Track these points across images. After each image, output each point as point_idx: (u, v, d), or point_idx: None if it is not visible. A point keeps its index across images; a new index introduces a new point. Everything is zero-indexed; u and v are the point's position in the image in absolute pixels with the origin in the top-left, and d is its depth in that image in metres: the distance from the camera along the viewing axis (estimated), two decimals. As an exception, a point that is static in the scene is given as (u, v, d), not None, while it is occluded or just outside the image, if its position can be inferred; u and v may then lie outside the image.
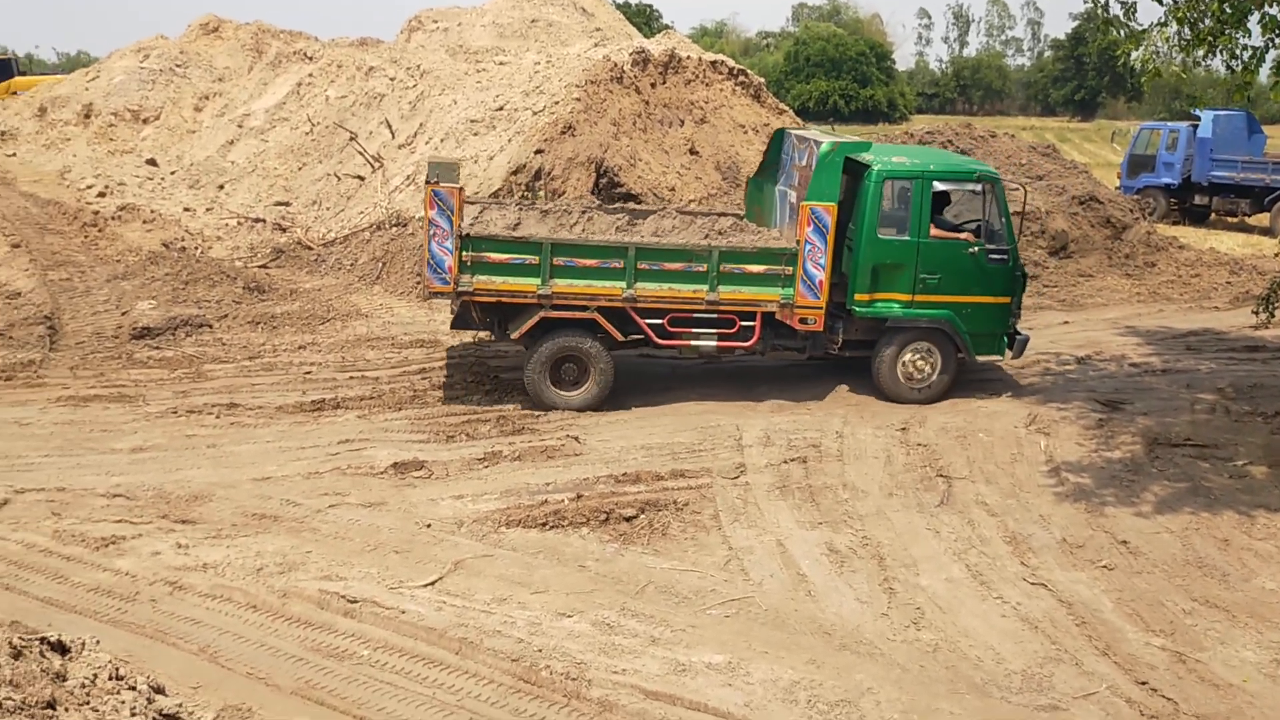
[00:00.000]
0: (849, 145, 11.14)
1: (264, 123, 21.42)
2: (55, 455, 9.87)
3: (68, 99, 24.58)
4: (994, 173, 11.24)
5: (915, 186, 10.97)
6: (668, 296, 10.73)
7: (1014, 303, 11.32)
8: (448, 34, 23.93)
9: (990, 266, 11.06)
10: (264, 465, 9.55)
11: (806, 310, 10.76)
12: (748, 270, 10.73)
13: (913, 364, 11.20)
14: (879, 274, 11.00)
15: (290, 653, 6.47)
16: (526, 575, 7.47)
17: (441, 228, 10.50)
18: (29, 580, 7.43)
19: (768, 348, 11.29)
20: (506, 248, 10.69)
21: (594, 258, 10.67)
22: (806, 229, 10.58)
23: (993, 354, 11.51)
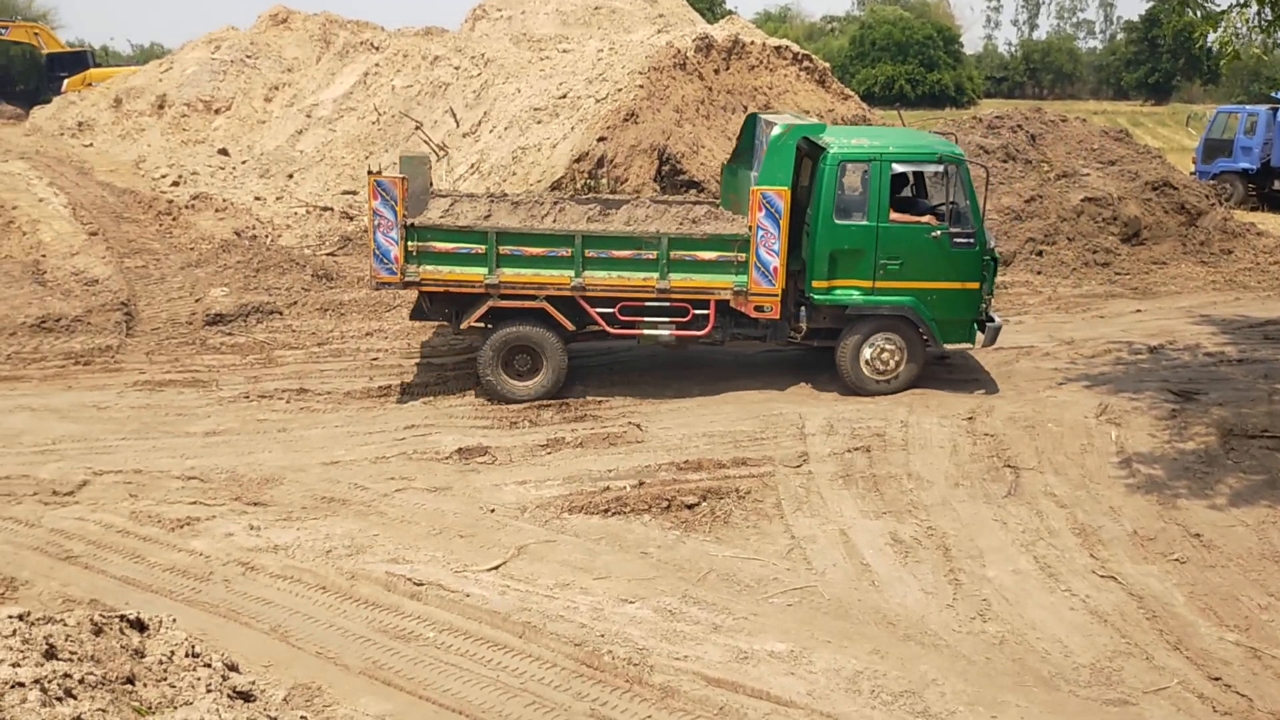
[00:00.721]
0: (803, 127, 10.80)
1: (332, 112, 21.71)
2: (132, 438, 10.14)
3: (142, 90, 25.15)
4: (957, 153, 10.80)
5: (873, 169, 10.63)
6: (618, 285, 10.58)
7: (984, 288, 10.90)
8: (511, 22, 24.02)
9: (956, 251, 10.69)
10: (333, 449, 9.73)
11: (762, 298, 10.55)
12: (699, 257, 10.53)
13: (877, 354, 10.89)
14: (837, 260, 10.71)
15: (358, 633, 6.59)
16: (589, 561, 7.51)
17: (386, 218, 10.50)
18: (107, 560, 7.65)
19: (727, 337, 11.08)
20: (452, 237, 10.62)
21: (541, 246, 10.57)
22: (758, 214, 10.34)
23: (962, 342, 11.04)
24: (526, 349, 10.88)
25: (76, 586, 7.24)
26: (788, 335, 11.11)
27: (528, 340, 10.82)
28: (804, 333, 11.00)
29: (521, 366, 10.93)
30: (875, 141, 11.03)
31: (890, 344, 10.87)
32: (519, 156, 17.40)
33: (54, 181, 18.34)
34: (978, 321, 10.99)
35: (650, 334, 10.87)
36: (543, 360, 10.85)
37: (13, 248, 15.41)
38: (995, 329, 11.01)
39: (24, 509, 8.51)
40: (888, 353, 10.89)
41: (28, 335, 12.89)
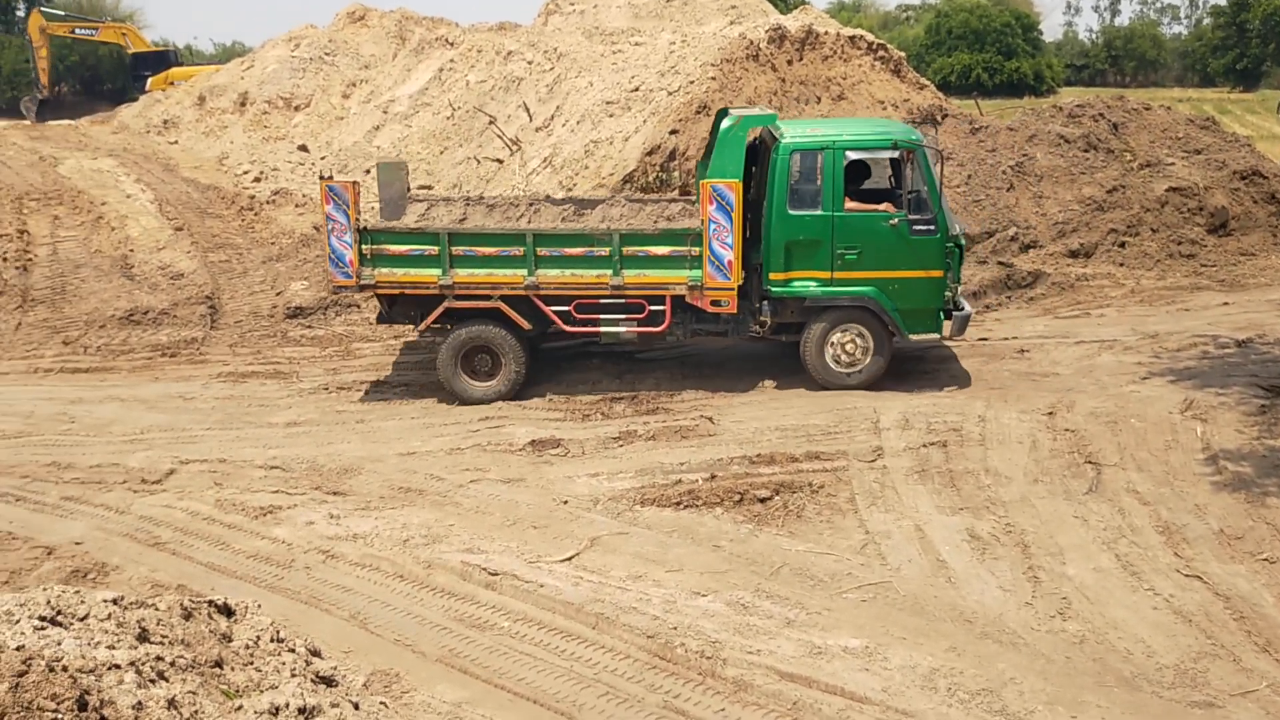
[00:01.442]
0: (752, 118, 10.70)
1: (408, 108, 22.00)
2: (216, 428, 10.42)
3: (225, 88, 25.73)
4: (914, 139, 10.53)
5: (826, 158, 10.42)
6: (571, 283, 10.53)
7: (949, 276, 10.61)
8: (584, 16, 24.09)
9: (916, 238, 10.44)
10: (409, 440, 9.88)
11: (717, 292, 10.43)
12: (652, 253, 10.43)
13: (841, 346, 10.71)
14: (793, 251, 10.55)
15: (435, 621, 6.69)
16: (661, 554, 7.53)
17: (339, 222, 10.54)
18: (194, 546, 7.88)
19: (688, 333, 10.99)
20: (404, 239, 10.67)
21: (493, 246, 10.54)
22: (709, 207, 10.21)
23: (928, 332, 10.81)
24: (486, 349, 10.88)
25: (164, 572, 7.47)
26: (750, 330, 10.98)
27: (485, 340, 10.81)
28: (768, 327, 10.87)
29: (482, 367, 10.94)
30: (830, 130, 10.85)
31: (854, 335, 10.70)
32: (591, 150, 17.46)
33: (141, 178, 18.89)
34: (944, 310, 10.73)
35: (609, 331, 10.84)
36: (501, 360, 10.85)
37: (102, 242, 15.90)
38: (963, 318, 10.73)
39: (114, 496, 8.80)
40: (852, 344, 10.72)
41: (117, 328, 13.31)
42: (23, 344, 13.54)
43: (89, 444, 10.08)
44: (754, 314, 10.90)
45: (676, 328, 10.87)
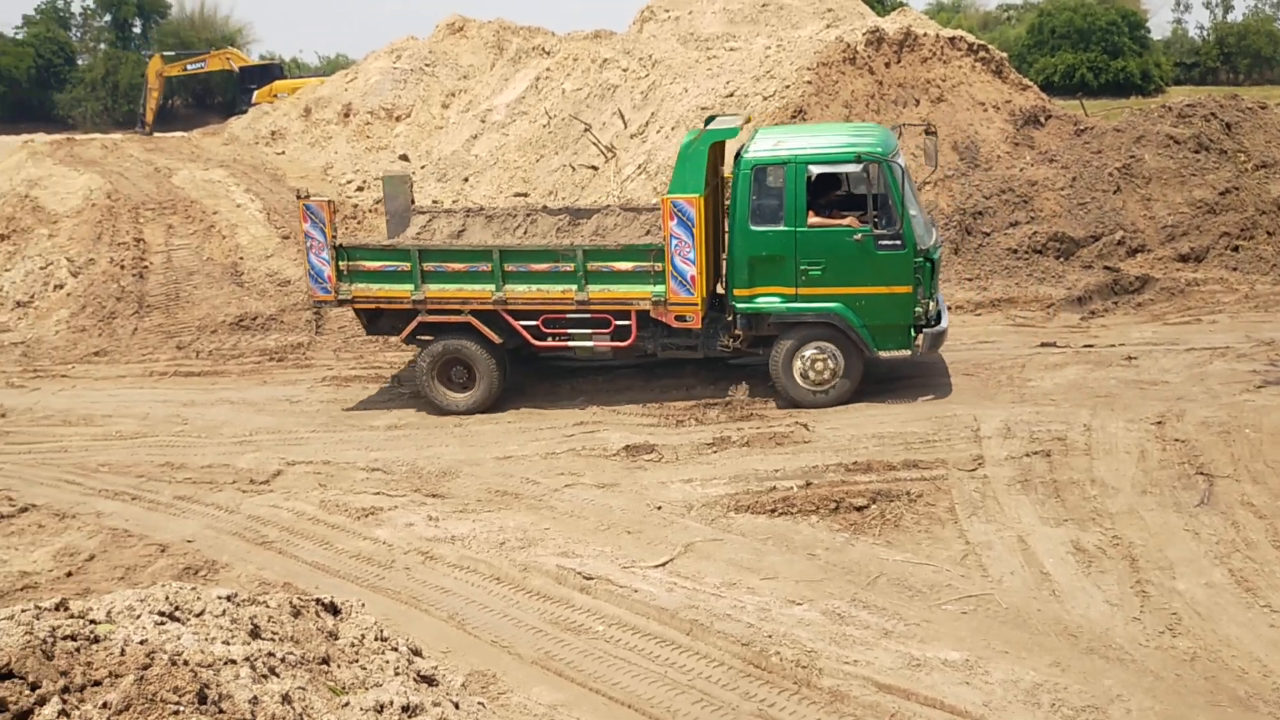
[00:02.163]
0: (714, 133, 10.58)
1: (505, 117, 22.32)
2: (321, 431, 10.72)
3: (329, 100, 26.45)
4: (879, 152, 10.20)
5: (788, 172, 10.19)
6: (538, 298, 10.58)
7: (919, 291, 10.27)
8: (679, 23, 24.15)
9: (882, 254, 10.16)
10: (505, 445, 10.02)
11: (681, 307, 10.32)
12: (616, 268, 10.42)
13: (809, 363, 10.46)
14: (756, 267, 10.37)
15: (530, 624, 6.77)
16: (756, 561, 7.50)
17: (316, 239, 10.86)
18: (299, 546, 8.11)
19: (658, 348, 10.91)
20: (378, 255, 10.90)
21: (462, 261, 10.67)
22: (670, 223, 10.08)
23: (899, 349, 10.48)
24: (462, 362, 11.01)
25: (271, 570, 7.70)
26: (719, 346, 10.86)
27: (460, 353, 10.94)
28: (739, 342, 10.74)
29: (459, 379, 11.09)
30: (793, 144, 10.56)
31: (822, 353, 10.46)
32: (686, 156, 17.48)
33: (250, 188, 19.52)
34: (915, 326, 10.41)
35: (582, 346, 10.88)
36: (475, 373, 10.97)
37: (214, 250, 16.49)
38: (935, 334, 10.41)
39: (224, 496, 9.11)
40: (820, 362, 10.47)
41: (227, 333, 13.77)
42: (139, 348, 14.13)
43: (200, 445, 10.46)
44: (726, 329, 10.82)
45: (646, 342, 10.85)
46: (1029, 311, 13.79)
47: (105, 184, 18.51)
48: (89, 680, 2.72)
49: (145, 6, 62.23)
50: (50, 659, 2.73)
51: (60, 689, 2.66)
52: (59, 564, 7.85)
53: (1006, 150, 17.47)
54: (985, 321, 13.51)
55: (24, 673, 2.70)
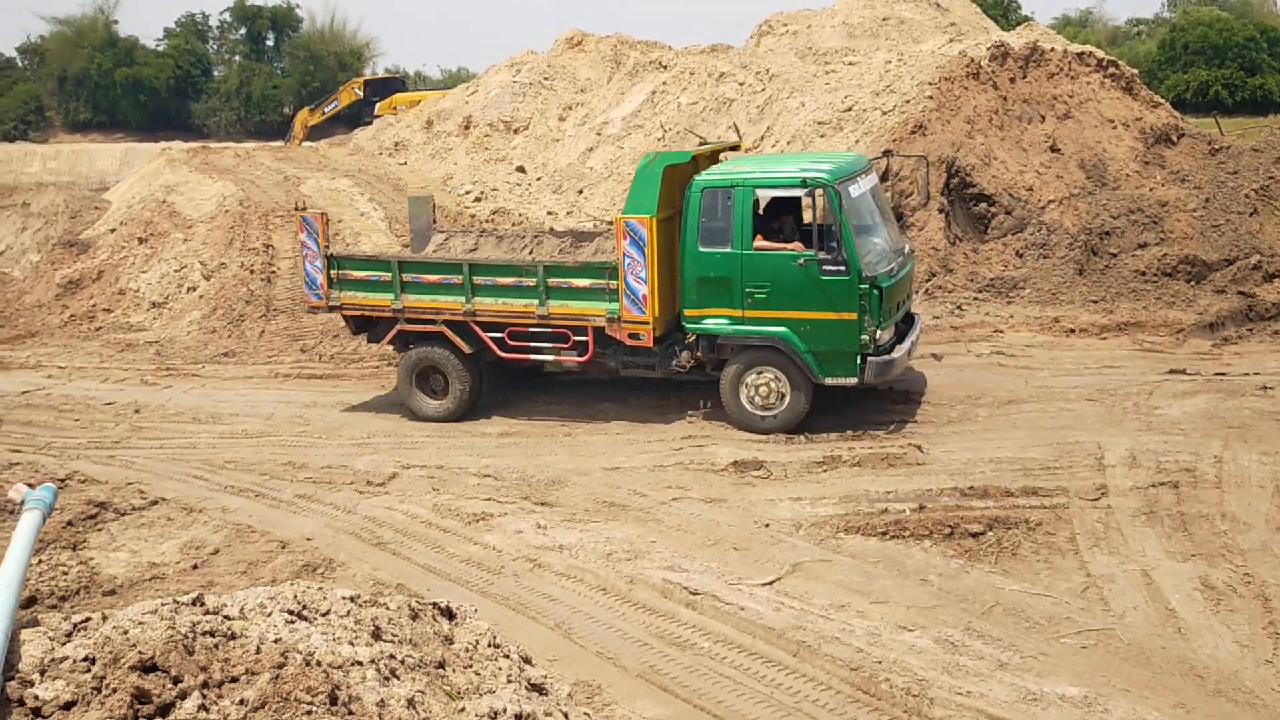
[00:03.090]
0: (669, 155, 10.85)
1: (620, 130, 22.52)
2: (435, 436, 10.93)
3: (450, 112, 27.05)
4: (824, 178, 10.02)
5: (736, 196, 10.19)
6: (503, 311, 10.93)
7: (865, 319, 9.97)
8: (797, 37, 24.04)
9: (826, 279, 9.98)
10: (614, 456, 10.06)
11: (634, 325, 10.46)
12: (574, 285, 10.68)
13: (755, 387, 10.39)
14: (705, 288, 10.41)
15: (636, 637, 6.76)
16: (866, 584, 7.36)
17: (311, 249, 11.50)
18: (412, 548, 8.27)
19: (619, 364, 11.09)
20: (363, 265, 11.53)
21: (436, 274, 11.14)
22: (623, 242, 10.23)
23: (846, 376, 10.20)
24: (438, 370, 11.36)
25: (385, 571, 7.86)
26: (675, 366, 10.87)
27: (433, 361, 11.32)
28: (695, 362, 10.78)
29: (436, 386, 11.46)
30: (744, 169, 10.65)
31: (769, 376, 10.37)
32: (801, 171, 17.36)
33: (373, 197, 20.09)
34: (862, 354, 10.11)
35: (543, 359, 11.23)
36: (449, 380, 11.31)
37: (337, 257, 16.97)
38: (881, 364, 10.12)
39: (342, 496, 9.36)
40: (766, 386, 10.39)
41: (348, 337, 14.14)
42: (265, 350, 14.65)
43: (321, 446, 10.77)
44: (690, 349, 10.83)
45: (606, 359, 11.05)
46: (1157, 336, 13.28)
47: (238, 191, 19.26)
48: (227, 676, 2.82)
49: (278, 20, 64.72)
50: (191, 654, 2.84)
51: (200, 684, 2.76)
52: (185, 556, 8.15)
53: (1136, 169, 16.90)
54: (1110, 346, 13.05)
55: (167, 667, 2.81)
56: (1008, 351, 12.76)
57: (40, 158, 49.14)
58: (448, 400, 11.40)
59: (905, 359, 10.57)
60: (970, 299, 14.91)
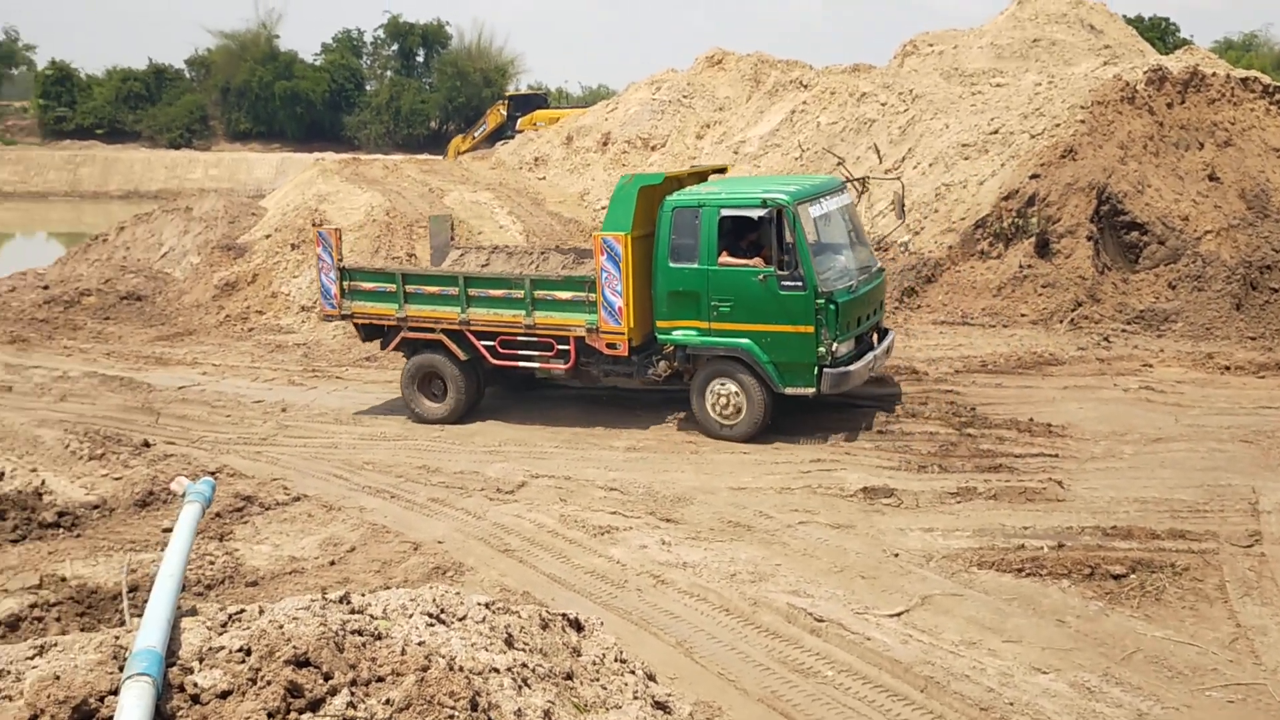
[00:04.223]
0: (644, 177, 11.42)
1: (758, 149, 22.46)
2: (564, 447, 11.07)
3: (590, 129, 27.46)
4: (783, 200, 10.58)
5: (703, 215, 10.84)
6: (494, 321, 11.62)
7: (822, 333, 10.50)
8: (942, 57, 23.60)
9: (785, 294, 10.56)
10: (740, 475, 10.01)
11: (611, 335, 11.07)
12: (557, 297, 11.34)
13: (718, 395, 11.01)
14: (675, 301, 11.03)
15: (758, 660, 6.70)
16: (998, 621, 7.13)
17: (326, 261, 12.20)
18: (538, 557, 8.38)
19: (601, 373, 11.74)
20: (371, 277, 12.26)
21: (435, 285, 11.89)
22: (601, 257, 10.87)
23: (804, 387, 10.75)
24: (438, 375, 12.03)
25: (512, 578, 7.99)
26: (652, 375, 11.50)
27: (433, 367, 12.01)
28: (672, 372, 11.43)
29: (437, 390, 12.13)
30: (711, 190, 11.41)
31: (730, 386, 10.97)
32: (942, 193, 17.03)
33: (513, 210, 20.52)
34: (820, 366, 10.64)
35: (530, 366, 11.89)
36: (447, 386, 11.96)
37: (476, 268, 17.38)
38: (836, 376, 10.67)
39: (473, 502, 9.56)
40: (726, 396, 10.99)
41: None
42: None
43: (454, 452, 11.03)
44: (667, 359, 11.45)
45: (591, 367, 11.70)
46: (1322, 377, 12.53)
47: (385, 201, 19.92)
48: (374, 676, 2.91)
49: (429, 37, 66.89)
50: (341, 651, 2.94)
51: (349, 681, 2.85)
52: (324, 552, 8.45)
53: (1303, 200, 16.00)
54: (1269, 385, 12.36)
55: (319, 663, 2.91)
56: (1157, 387, 12.21)
57: (203, 165, 51.96)
58: (446, 404, 12.08)
59: (864, 371, 11.04)
60: (1118, 330, 14.34)
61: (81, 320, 18.07)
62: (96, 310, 18.47)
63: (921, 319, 15.44)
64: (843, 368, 10.74)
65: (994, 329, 14.81)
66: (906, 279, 15.98)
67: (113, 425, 11.94)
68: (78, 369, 14.99)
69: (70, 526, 8.69)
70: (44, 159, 53.45)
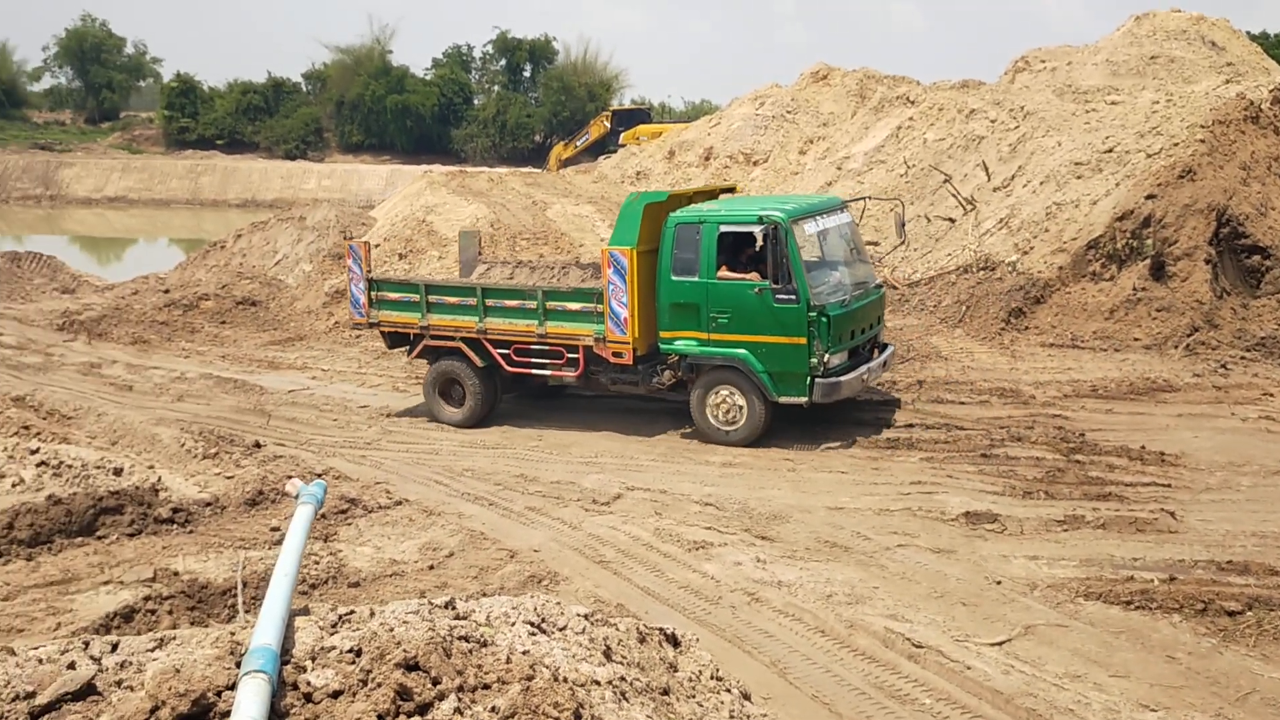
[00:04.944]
0: (649, 195, 11.98)
1: (862, 165, 22.25)
2: (660, 460, 11.10)
3: (693, 143, 27.57)
4: (779, 217, 11.03)
5: (704, 230, 11.32)
6: (509, 330, 12.16)
7: (814, 344, 10.98)
8: (1055, 74, 23.05)
9: (779, 306, 11.04)
10: (838, 495, 9.89)
11: (616, 345, 11.54)
12: (568, 308, 11.84)
13: (719, 403, 11.49)
14: (677, 313, 11.52)
15: (853, 684, 6.60)
16: (1105, 655, 6.90)
17: (356, 273, 12.87)
18: (633, 569, 8.40)
19: (609, 381, 12.12)
20: (397, 288, 12.89)
21: (455, 296, 12.51)
22: (608, 270, 11.39)
23: (797, 396, 11.23)
24: (456, 381, 12.56)
25: (606, 589, 8.02)
26: (657, 383, 11.93)
27: (452, 373, 12.54)
28: (676, 380, 11.84)
29: (455, 395, 12.66)
30: (714, 207, 11.94)
31: (730, 394, 11.43)
32: (1053, 213, 16.62)
33: (613, 224, 20.63)
34: (812, 376, 11.09)
35: (542, 374, 12.31)
36: (465, 391, 12.49)
37: (577, 280, 17.56)
38: (827, 386, 11.11)
39: (569, 512, 9.64)
40: (727, 403, 11.46)
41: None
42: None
43: (552, 461, 11.15)
44: (672, 368, 11.84)
45: (599, 375, 12.10)
46: None
47: (490, 213, 20.28)
48: (480, 683, 2.95)
49: (536, 52, 67.92)
50: (449, 657, 2.99)
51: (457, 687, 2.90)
52: (423, 556, 8.60)
53: None
54: (1403, 419, 11.74)
55: (428, 667, 2.98)
56: (1277, 417, 11.71)
57: (316, 175, 53.57)
58: (464, 409, 12.59)
59: (857, 383, 11.43)
60: (1236, 357, 13.78)
61: (199, 323, 18.78)
62: (213, 314, 19.17)
63: (1029, 341, 15.07)
64: (834, 378, 11.19)
65: (1105, 353, 14.37)
66: (1014, 299, 15.63)
67: (226, 426, 12.38)
68: (194, 370, 15.59)
69: (183, 523, 9.01)
70: (167, 168, 55.76)
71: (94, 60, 74.44)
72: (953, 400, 12.64)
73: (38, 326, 18.86)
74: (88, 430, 11.70)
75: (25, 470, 8.97)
